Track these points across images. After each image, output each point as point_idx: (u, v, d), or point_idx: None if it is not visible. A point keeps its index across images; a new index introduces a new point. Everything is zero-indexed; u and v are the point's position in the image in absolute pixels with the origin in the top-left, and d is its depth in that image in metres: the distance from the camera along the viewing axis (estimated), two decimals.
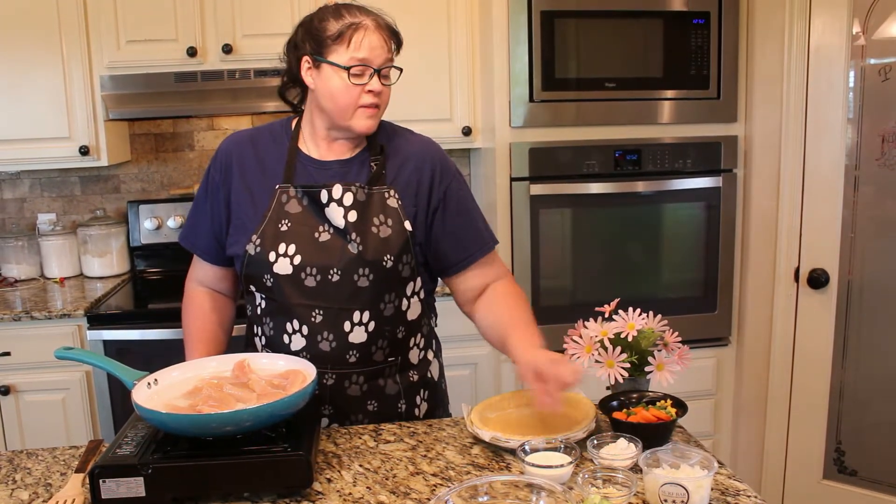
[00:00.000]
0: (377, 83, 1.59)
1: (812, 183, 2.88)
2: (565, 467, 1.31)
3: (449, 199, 1.71)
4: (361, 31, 1.56)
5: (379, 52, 1.58)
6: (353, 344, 1.65)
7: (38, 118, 3.04)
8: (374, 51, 1.57)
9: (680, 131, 3.06)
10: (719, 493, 1.31)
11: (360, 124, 1.62)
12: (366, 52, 1.56)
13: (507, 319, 1.68)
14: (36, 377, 2.83)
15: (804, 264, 2.93)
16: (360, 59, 1.56)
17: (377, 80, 1.59)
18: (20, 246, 3.33)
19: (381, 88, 1.61)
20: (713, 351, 3.22)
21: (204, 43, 3.05)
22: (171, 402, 1.41)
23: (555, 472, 1.30)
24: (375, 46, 1.57)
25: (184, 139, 3.53)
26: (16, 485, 1.43)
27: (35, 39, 2.99)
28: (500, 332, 1.67)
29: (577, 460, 1.33)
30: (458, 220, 1.72)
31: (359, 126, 1.62)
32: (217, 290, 1.83)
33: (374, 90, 1.59)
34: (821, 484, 3.03)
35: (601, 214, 3.06)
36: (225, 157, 1.72)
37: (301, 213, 1.64)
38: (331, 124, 1.66)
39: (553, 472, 1.30)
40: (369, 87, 1.59)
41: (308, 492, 1.35)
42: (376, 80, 1.59)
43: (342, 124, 1.63)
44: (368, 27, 1.57)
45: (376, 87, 1.59)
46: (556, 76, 2.95)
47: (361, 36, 1.56)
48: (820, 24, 2.78)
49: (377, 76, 1.59)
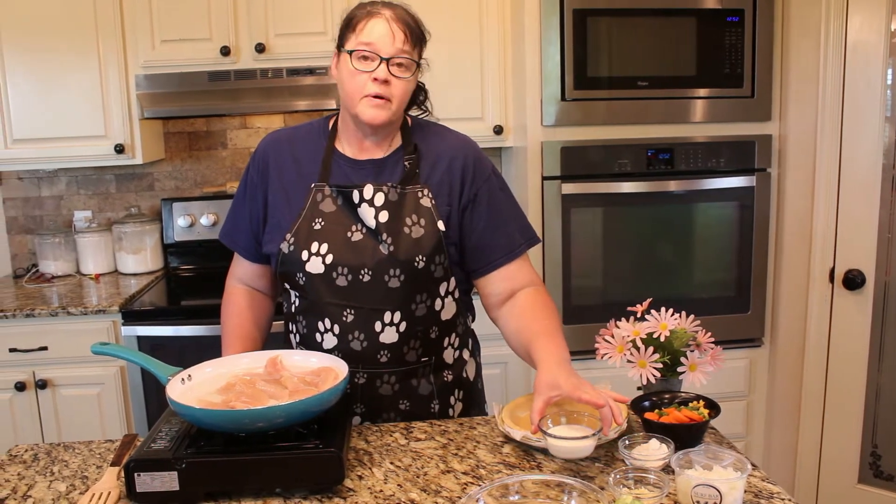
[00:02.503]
0: (383, 71, 1.56)
1: (848, 182, 2.84)
2: (588, 439, 1.30)
3: (480, 200, 1.69)
4: (372, 19, 1.56)
5: (387, 41, 1.55)
6: (384, 344, 1.65)
7: (75, 117, 3.09)
8: (383, 38, 1.55)
9: (713, 130, 3.03)
10: (752, 496, 1.30)
11: (365, 113, 1.58)
12: (372, 37, 1.55)
13: (531, 327, 1.62)
14: (72, 372, 2.88)
15: (839, 265, 2.89)
16: (365, 44, 1.55)
17: (384, 68, 1.56)
18: (57, 242, 3.38)
19: (387, 76, 1.56)
20: (746, 352, 3.18)
21: (237, 42, 3.08)
22: (204, 397, 1.42)
23: (577, 444, 1.28)
24: (384, 35, 1.55)
25: (217, 137, 3.57)
26: (53, 476, 1.46)
27: (73, 40, 3.04)
28: (523, 340, 1.63)
29: (598, 434, 1.32)
30: (487, 221, 1.69)
31: (364, 115, 1.59)
32: (256, 288, 1.84)
33: (378, 77, 1.56)
34: (856, 488, 2.98)
35: (633, 214, 3.04)
36: (262, 156, 1.73)
37: (335, 212, 1.64)
38: (348, 115, 1.64)
39: (574, 444, 1.28)
40: (375, 75, 1.56)
41: (339, 488, 1.36)
42: (383, 67, 1.56)
43: (351, 112, 1.61)
44: (381, 16, 1.56)
45: (381, 74, 1.56)
46: (588, 75, 2.93)
47: (371, 23, 1.56)
48: (857, 20, 2.74)
49: (385, 65, 1.56)
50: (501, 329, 1.73)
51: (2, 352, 2.85)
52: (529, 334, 1.61)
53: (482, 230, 1.69)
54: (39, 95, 3.07)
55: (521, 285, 1.71)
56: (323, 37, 3.08)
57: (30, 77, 3.05)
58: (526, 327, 1.64)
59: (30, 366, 2.87)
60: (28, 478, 1.46)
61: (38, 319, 2.84)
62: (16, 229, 3.54)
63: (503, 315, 1.72)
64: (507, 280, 1.71)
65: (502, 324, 1.72)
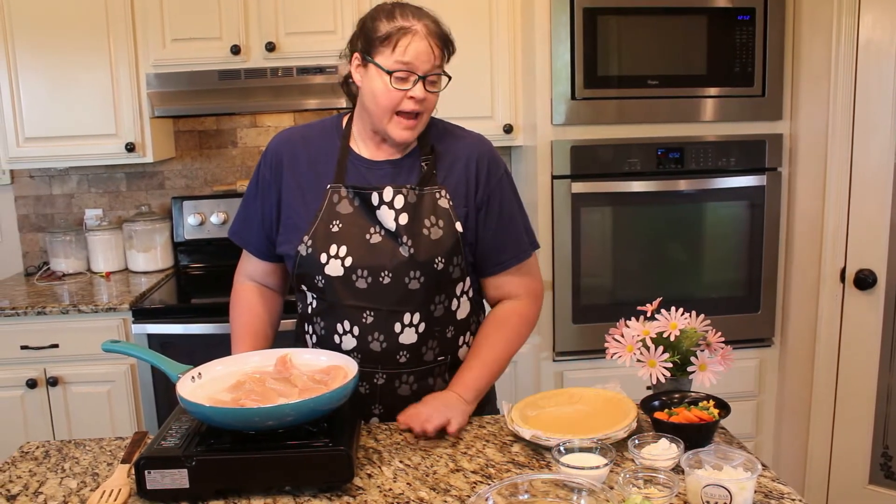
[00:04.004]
0: (420, 90, 1.56)
1: (859, 182, 2.83)
2: (600, 469, 1.30)
3: (492, 201, 1.69)
4: (409, 37, 1.54)
5: (425, 59, 1.55)
6: (403, 345, 1.65)
7: (86, 116, 3.10)
8: (420, 57, 1.55)
9: (723, 129, 3.02)
10: (763, 496, 1.29)
11: (396, 133, 1.60)
12: (410, 57, 1.54)
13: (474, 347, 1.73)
14: (82, 369, 2.89)
15: (850, 265, 2.88)
16: (404, 64, 1.54)
17: (421, 86, 1.56)
18: (68, 241, 3.40)
19: (424, 95, 1.58)
20: (756, 352, 3.17)
21: (247, 41, 3.09)
22: (214, 395, 1.43)
23: (589, 473, 1.29)
24: (421, 53, 1.54)
25: (227, 136, 3.57)
26: (65, 473, 1.47)
27: (84, 39, 3.05)
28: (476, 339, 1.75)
29: (612, 462, 1.32)
30: (498, 223, 1.70)
31: (394, 134, 1.60)
32: (265, 285, 1.83)
33: (416, 97, 1.57)
34: (866, 489, 2.97)
35: (643, 213, 3.03)
36: (275, 154, 1.72)
37: (352, 214, 1.64)
38: (373, 125, 1.65)
39: (587, 473, 1.29)
40: (411, 94, 1.56)
41: (349, 487, 1.36)
42: (420, 86, 1.56)
43: (379, 127, 1.62)
44: (417, 33, 1.54)
45: (418, 93, 1.56)
46: (598, 73, 2.92)
47: (408, 41, 1.54)
48: (870, 19, 2.72)
49: (422, 83, 1.56)
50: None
51: (13, 349, 2.87)
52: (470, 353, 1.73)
53: (493, 233, 1.70)
54: (51, 94, 3.08)
55: (519, 292, 1.77)
56: (333, 35, 3.08)
57: (41, 76, 3.07)
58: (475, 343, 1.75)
59: (41, 363, 2.88)
60: (39, 474, 1.47)
61: (49, 317, 2.86)
62: (27, 227, 3.56)
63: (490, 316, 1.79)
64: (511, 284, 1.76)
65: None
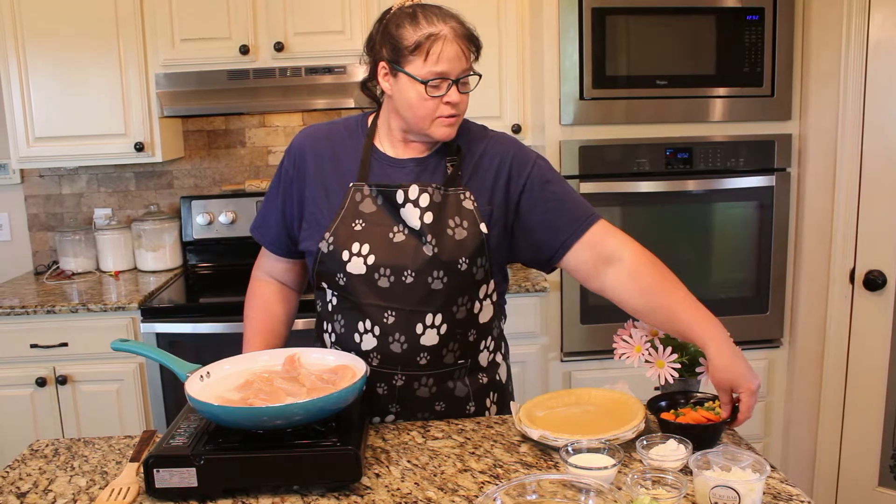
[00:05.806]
0: (455, 94, 1.55)
1: (869, 182, 2.81)
2: (608, 470, 1.30)
3: (532, 188, 1.65)
4: (440, 43, 1.51)
5: (457, 63, 1.53)
6: (424, 346, 1.63)
7: (96, 116, 3.12)
8: (452, 62, 1.53)
9: (732, 129, 3.02)
10: (771, 497, 1.29)
11: (439, 132, 1.59)
12: (444, 65, 1.52)
13: (664, 303, 1.59)
14: (91, 368, 2.90)
15: (860, 265, 2.87)
16: (438, 73, 1.52)
17: (455, 90, 1.55)
18: (77, 240, 3.41)
19: (460, 99, 1.57)
20: (765, 352, 3.16)
21: (256, 41, 3.09)
22: (223, 394, 1.43)
23: (597, 473, 1.29)
24: (453, 58, 1.53)
25: (236, 136, 3.58)
26: (74, 471, 1.47)
27: (93, 39, 3.06)
28: (661, 317, 1.59)
29: (620, 463, 1.32)
30: (547, 205, 1.65)
31: (437, 134, 1.59)
32: (282, 282, 1.83)
33: (452, 101, 1.56)
34: (876, 491, 2.96)
35: (651, 213, 3.02)
36: (299, 151, 1.71)
37: (375, 212, 1.63)
38: (407, 128, 1.63)
39: (595, 473, 1.29)
40: (447, 99, 1.55)
41: (356, 486, 1.36)
42: (454, 91, 1.55)
43: (420, 132, 1.61)
44: (447, 37, 1.52)
45: (454, 98, 1.55)
46: (607, 73, 2.92)
47: (440, 48, 1.51)
48: (880, 18, 2.71)
49: (455, 86, 1.55)
50: (614, 297, 1.65)
51: (23, 347, 2.88)
52: (668, 312, 1.59)
53: (544, 216, 1.65)
54: (61, 94, 3.09)
55: (611, 248, 1.64)
56: (341, 35, 3.08)
57: (51, 76, 3.08)
58: (659, 303, 1.60)
59: (50, 362, 2.90)
60: (49, 472, 1.47)
61: (58, 316, 2.87)
62: (37, 226, 3.58)
63: (609, 284, 1.64)
64: (588, 248, 1.64)
65: (616, 294, 1.64)
